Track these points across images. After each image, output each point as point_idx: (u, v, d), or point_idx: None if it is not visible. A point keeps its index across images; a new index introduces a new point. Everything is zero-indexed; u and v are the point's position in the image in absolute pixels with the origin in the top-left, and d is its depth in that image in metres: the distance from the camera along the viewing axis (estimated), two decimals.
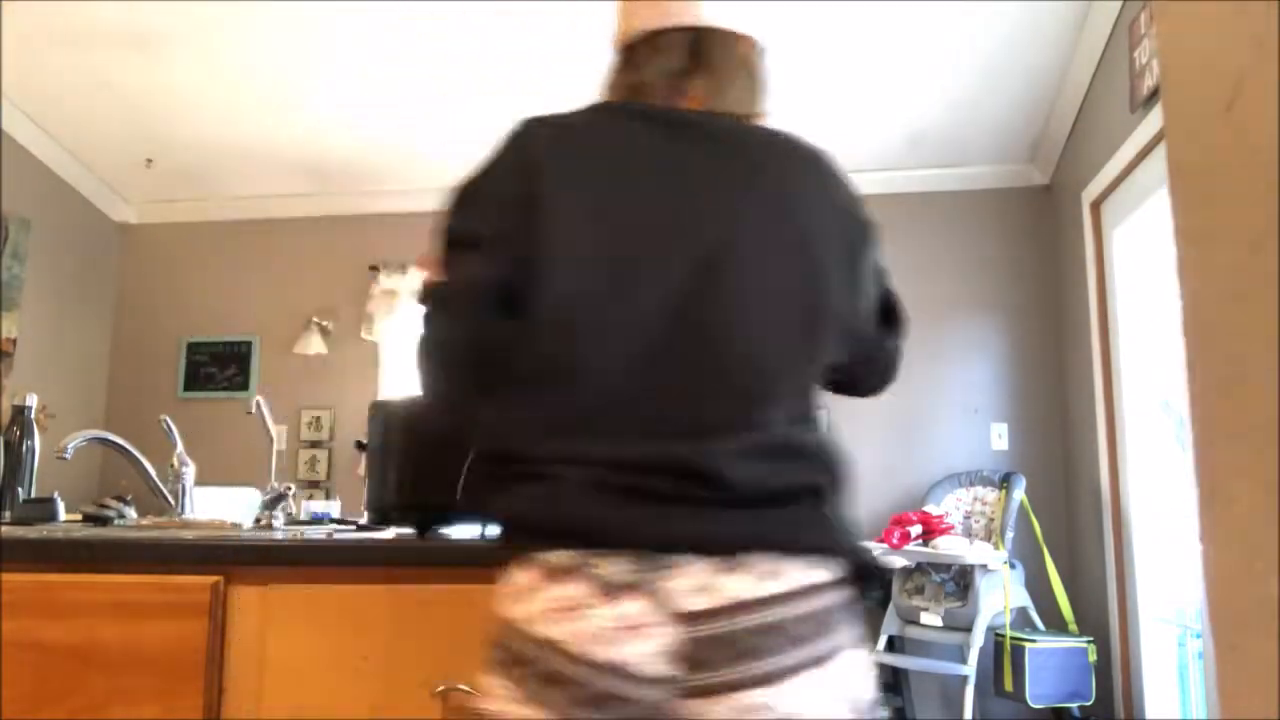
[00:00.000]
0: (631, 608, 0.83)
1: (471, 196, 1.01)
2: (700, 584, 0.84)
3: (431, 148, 4.31)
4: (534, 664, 0.83)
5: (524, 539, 0.90)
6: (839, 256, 1.04)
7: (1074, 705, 3.32)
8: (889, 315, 1.19)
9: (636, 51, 1.09)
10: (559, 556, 0.86)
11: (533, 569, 0.87)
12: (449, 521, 1.34)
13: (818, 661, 0.85)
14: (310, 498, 4.29)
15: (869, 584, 0.95)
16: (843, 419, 4.27)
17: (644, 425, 0.91)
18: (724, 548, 0.86)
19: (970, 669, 3.32)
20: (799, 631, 0.85)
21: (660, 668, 0.82)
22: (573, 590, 0.84)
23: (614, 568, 0.84)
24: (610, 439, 0.90)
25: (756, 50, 1.15)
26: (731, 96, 1.09)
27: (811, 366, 1.03)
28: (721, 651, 0.83)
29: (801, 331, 0.99)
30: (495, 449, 0.94)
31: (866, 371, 1.21)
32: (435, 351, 0.99)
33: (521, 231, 0.93)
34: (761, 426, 0.95)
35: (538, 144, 0.98)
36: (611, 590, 0.84)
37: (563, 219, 0.93)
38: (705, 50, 1.09)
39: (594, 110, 1.06)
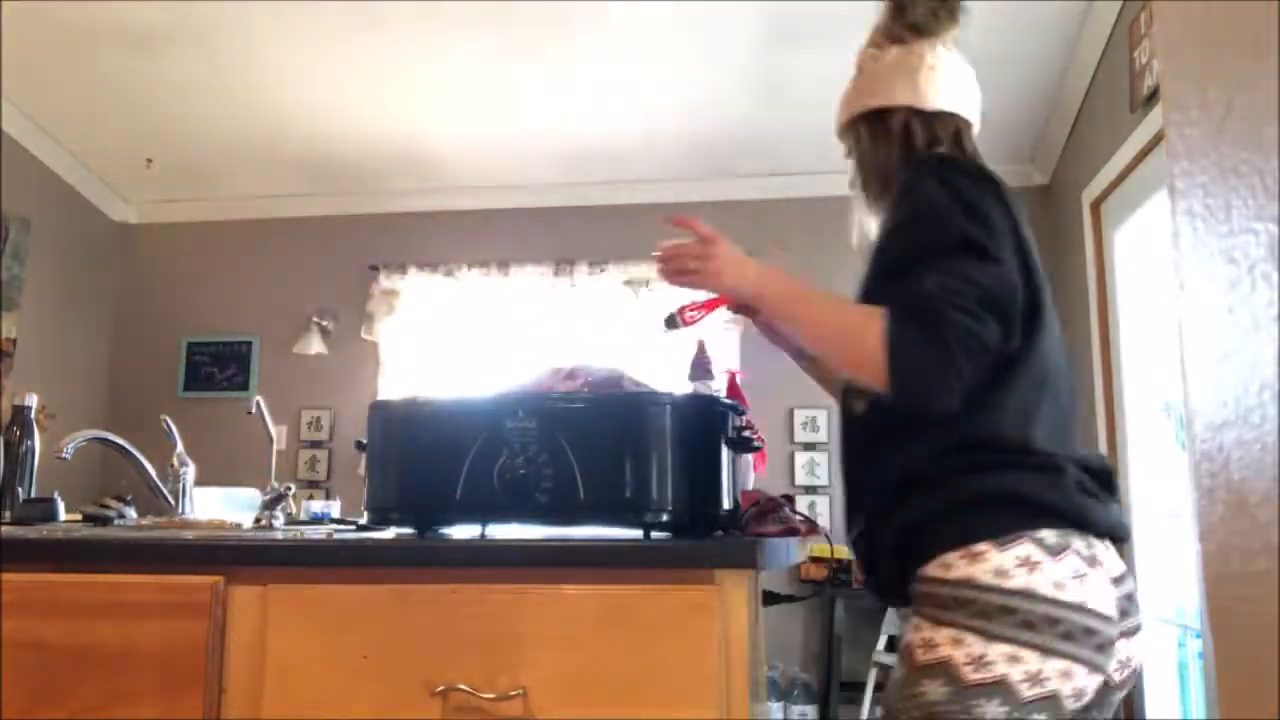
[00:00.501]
0: (1100, 574, 1.11)
1: (985, 214, 1.17)
2: (1112, 557, 1.15)
3: (431, 148, 4.31)
4: (1064, 622, 1.06)
5: (1021, 515, 1.10)
6: None
7: None
8: None
9: (935, 123, 1.33)
10: (1050, 535, 1.09)
11: (1032, 544, 1.08)
12: (449, 521, 1.34)
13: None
14: (310, 498, 4.29)
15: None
16: None
17: (1073, 437, 1.21)
18: (1112, 533, 1.16)
19: None
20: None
21: (1114, 614, 1.11)
22: (1074, 563, 1.09)
23: (1081, 545, 1.10)
24: (1068, 440, 1.20)
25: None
26: None
27: None
28: (1132, 604, 1.15)
29: None
30: (995, 435, 1.14)
31: None
32: (970, 343, 1.09)
33: (1022, 261, 1.18)
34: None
35: (1007, 191, 1.23)
36: (1093, 563, 1.10)
37: (1033, 259, 1.21)
38: (964, 141, 1.39)
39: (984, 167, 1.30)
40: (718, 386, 1.65)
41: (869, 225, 1.36)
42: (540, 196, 4.57)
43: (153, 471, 2.02)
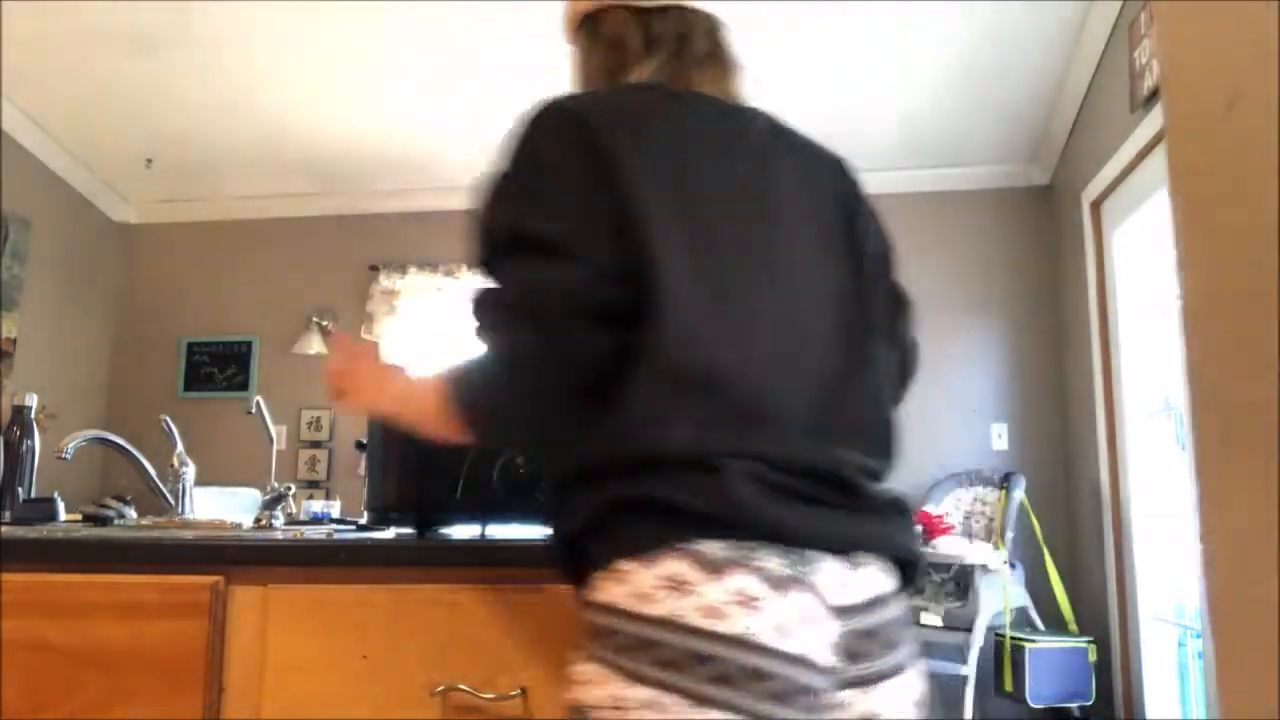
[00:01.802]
0: (801, 600, 0.83)
1: (535, 192, 0.93)
2: (840, 581, 0.87)
3: (432, 148, 4.31)
4: (716, 661, 0.80)
5: (672, 525, 0.85)
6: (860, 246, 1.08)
7: (1074, 705, 3.32)
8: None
9: (654, 21, 1.05)
10: (712, 547, 0.83)
11: (684, 559, 0.83)
12: (449, 521, 1.34)
13: (917, 655, 0.94)
14: (310, 498, 4.29)
15: (914, 586, 1.03)
16: None
17: (785, 427, 0.90)
18: (850, 548, 0.89)
19: (970, 669, 3.32)
20: (908, 626, 0.93)
21: (829, 659, 0.84)
22: (746, 582, 0.82)
23: (769, 562, 0.83)
24: (759, 438, 0.88)
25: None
26: (734, 86, 1.10)
27: (879, 383, 1.02)
28: (872, 644, 0.88)
29: (864, 348, 1.01)
30: (623, 449, 0.88)
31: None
32: (527, 371, 0.90)
33: (612, 232, 0.89)
34: (856, 443, 0.95)
35: (601, 130, 0.92)
36: (780, 584, 0.83)
37: (658, 217, 0.90)
38: (718, 36, 1.08)
39: (643, 91, 1.01)
40: None
41: None
42: None
43: (153, 471, 2.02)
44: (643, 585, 0.83)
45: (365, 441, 1.39)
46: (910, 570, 0.97)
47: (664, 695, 0.80)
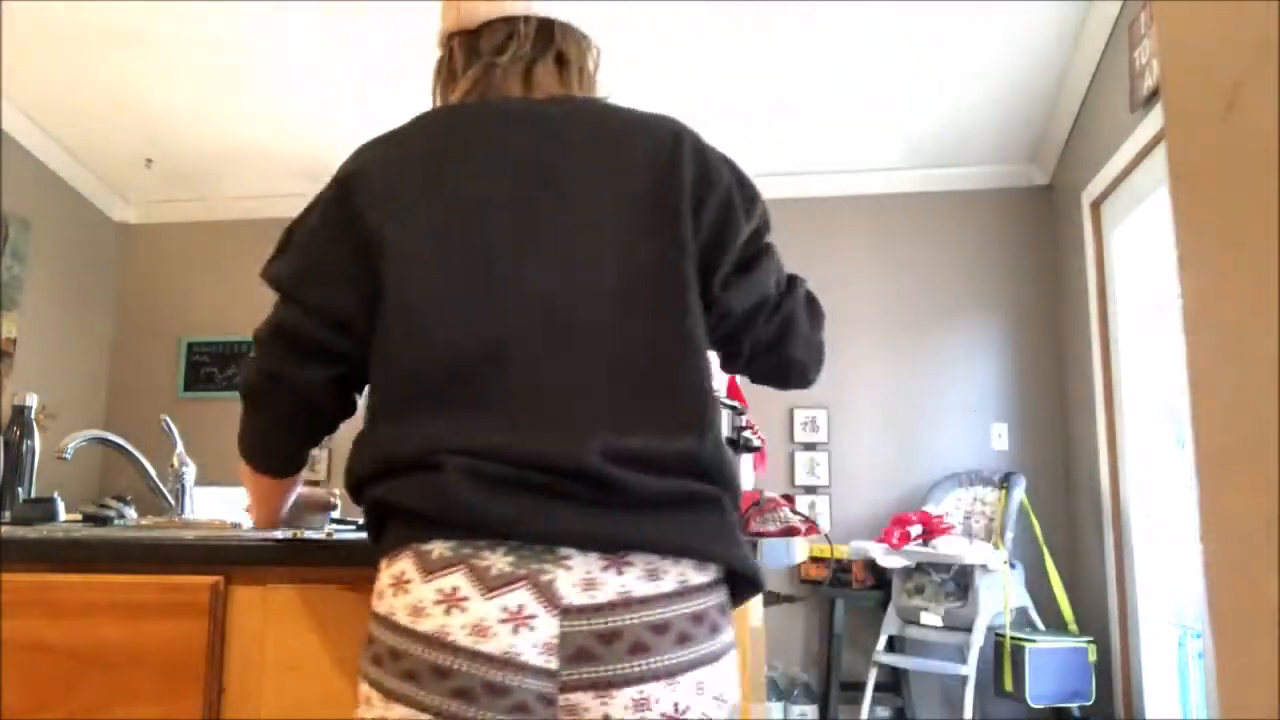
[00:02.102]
0: (518, 598, 0.83)
1: (300, 247, 1.03)
2: (585, 579, 0.84)
3: None
4: (408, 658, 0.83)
5: (407, 526, 0.88)
6: (680, 229, 0.99)
7: (1074, 705, 3.32)
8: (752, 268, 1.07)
9: (481, 36, 1.08)
10: (437, 547, 0.85)
11: (413, 559, 0.86)
12: None
13: (698, 663, 0.87)
14: None
15: (746, 591, 0.96)
16: (843, 419, 4.28)
17: (522, 420, 0.90)
18: (607, 545, 0.86)
19: (970, 669, 3.32)
20: (683, 631, 0.86)
21: (542, 660, 0.83)
22: (454, 581, 0.84)
23: (494, 559, 0.84)
24: (489, 433, 0.89)
25: (596, 51, 1.14)
26: (571, 87, 1.10)
27: (684, 360, 0.95)
28: (607, 646, 0.83)
29: (660, 324, 0.95)
30: (373, 456, 0.93)
31: (744, 338, 1.10)
32: (255, 405, 1.08)
33: (346, 273, 0.98)
34: (638, 427, 0.91)
35: (366, 184, 0.99)
36: (494, 582, 0.83)
37: (399, 247, 0.96)
38: (554, 42, 1.08)
39: (431, 120, 1.06)
40: (718, 387, 1.65)
41: None
42: None
43: (153, 471, 2.02)
44: (380, 584, 0.89)
45: None
46: (737, 573, 0.92)
47: (368, 689, 0.86)
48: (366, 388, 1.02)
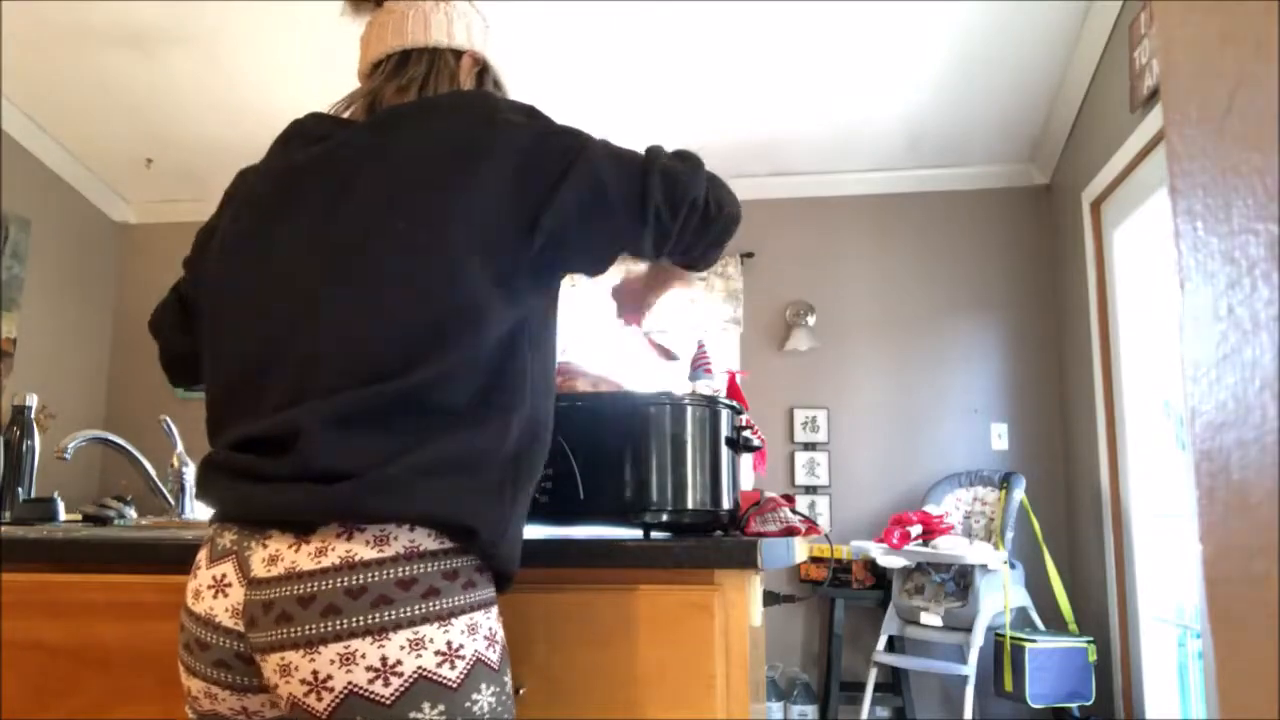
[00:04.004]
0: (220, 571, 0.98)
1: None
2: (271, 555, 0.94)
3: None
4: (183, 631, 1.01)
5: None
6: (459, 182, 1.01)
7: (1074, 705, 3.32)
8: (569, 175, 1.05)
9: (371, 78, 1.30)
10: (212, 530, 1.02)
11: (203, 547, 1.03)
12: None
13: (355, 634, 0.89)
14: None
15: (466, 547, 0.95)
16: (843, 419, 4.28)
17: (247, 407, 1.02)
18: (302, 522, 0.94)
19: (970, 669, 3.32)
20: (333, 602, 0.90)
21: (231, 622, 0.96)
22: (200, 556, 1.01)
23: (225, 538, 0.99)
24: (230, 423, 1.04)
25: (471, 63, 1.29)
26: (397, 96, 1.21)
27: (408, 327, 0.97)
28: (267, 615, 0.92)
29: (422, 286, 0.97)
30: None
31: (622, 241, 1.09)
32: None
33: (199, 261, 1.23)
34: (335, 402, 0.95)
35: (230, 190, 1.28)
36: (214, 556, 0.99)
37: (222, 246, 1.17)
38: (407, 69, 1.23)
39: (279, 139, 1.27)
40: (718, 386, 1.64)
41: None
42: None
43: (153, 471, 2.02)
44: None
45: None
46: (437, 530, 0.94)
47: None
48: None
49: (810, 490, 4.24)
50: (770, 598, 4.15)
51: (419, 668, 0.89)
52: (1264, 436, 0.38)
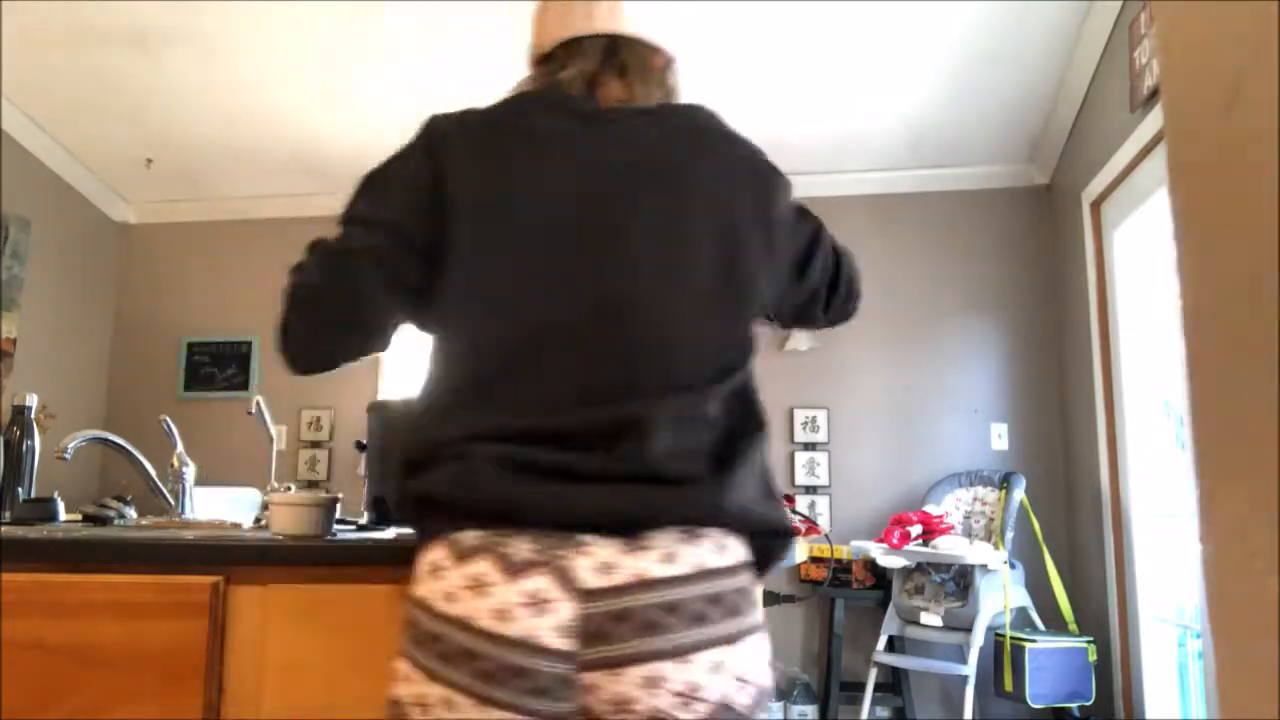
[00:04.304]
0: (533, 585, 0.86)
1: (378, 183, 1.08)
2: (603, 562, 0.87)
3: None
4: (441, 640, 0.88)
5: (440, 519, 0.93)
6: (752, 215, 1.07)
7: (1074, 705, 3.32)
8: (814, 254, 1.21)
9: (553, 58, 1.15)
10: (469, 536, 0.90)
11: (444, 548, 0.91)
12: None
13: (718, 642, 0.88)
14: None
15: (780, 548, 0.99)
16: (843, 419, 4.28)
17: (551, 401, 0.93)
18: (628, 525, 0.88)
19: (970, 669, 3.32)
20: (698, 611, 0.88)
21: (560, 642, 0.86)
22: (483, 568, 0.88)
23: (519, 545, 0.88)
24: (516, 414, 0.93)
25: (666, 61, 1.21)
26: (640, 96, 1.14)
27: (733, 334, 1.02)
28: (623, 626, 0.86)
29: (716, 300, 1.00)
30: (415, 444, 0.97)
31: (815, 310, 1.28)
32: (303, 305, 1.05)
33: (427, 220, 1.01)
34: (673, 400, 0.94)
35: (442, 138, 1.06)
36: (513, 569, 0.87)
37: (468, 209, 1.00)
38: (619, 54, 1.15)
39: (504, 102, 1.10)
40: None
41: None
42: None
43: (153, 471, 2.02)
44: (418, 571, 0.93)
45: (365, 441, 1.39)
46: (760, 534, 0.95)
47: (410, 669, 0.90)
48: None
49: (810, 490, 4.24)
50: (770, 598, 4.14)
51: (762, 678, 0.92)
52: (1264, 437, 0.38)
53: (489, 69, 3.74)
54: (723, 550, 0.92)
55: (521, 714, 0.85)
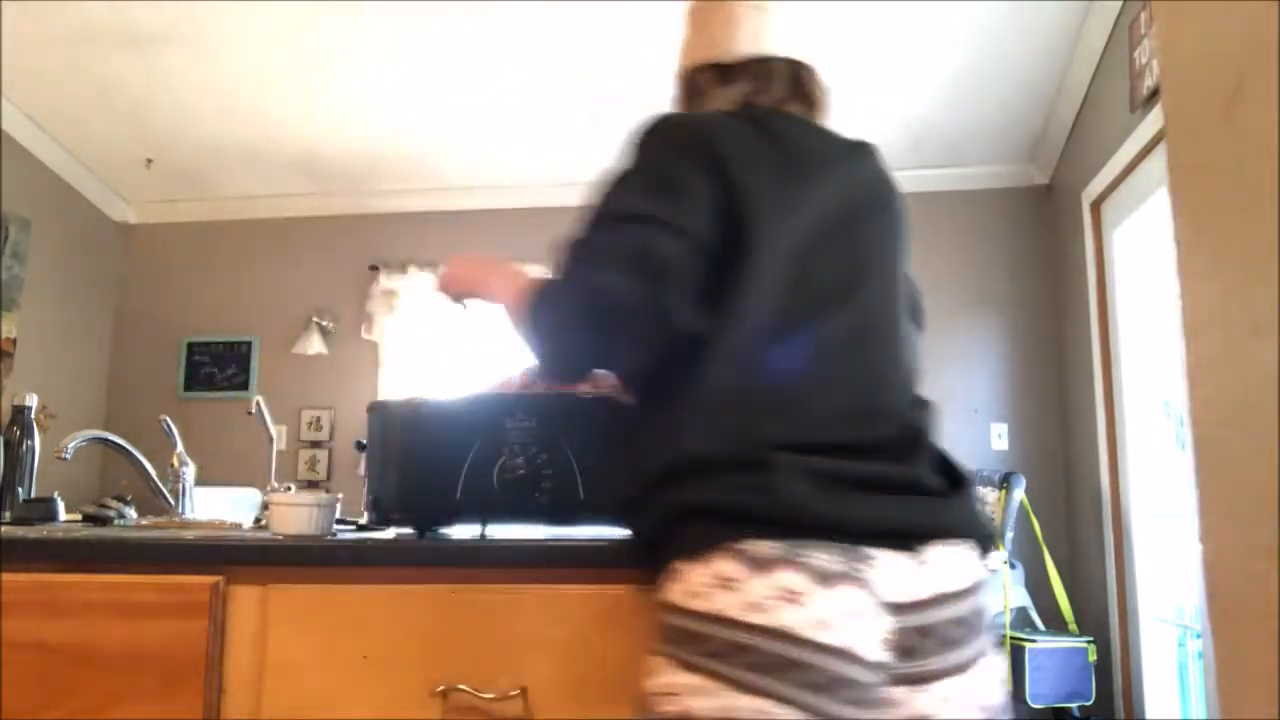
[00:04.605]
0: (850, 595, 0.87)
1: (661, 185, 1.01)
2: (901, 576, 0.89)
3: (432, 148, 4.31)
4: (753, 651, 0.85)
5: (713, 529, 0.91)
6: (905, 263, 1.17)
7: (1074, 705, 3.32)
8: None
9: (742, 74, 1.16)
10: (762, 546, 0.88)
11: (731, 559, 0.89)
12: (449, 521, 1.34)
13: (986, 651, 0.94)
14: None
15: (986, 555, 1.05)
16: None
17: (839, 417, 0.95)
18: (911, 537, 0.91)
19: None
20: (977, 623, 0.93)
21: (879, 654, 0.87)
22: (791, 578, 0.86)
23: (820, 556, 0.87)
24: (807, 426, 0.94)
25: (826, 90, 1.26)
26: (818, 118, 1.21)
27: (916, 365, 1.12)
28: (928, 641, 0.89)
29: (908, 334, 1.11)
30: (683, 454, 0.95)
31: None
32: (615, 314, 0.95)
33: (718, 230, 0.98)
34: (919, 421, 1.02)
35: (719, 147, 1.02)
36: (828, 579, 0.86)
37: (758, 223, 0.98)
38: (804, 84, 1.19)
39: (764, 115, 1.10)
40: None
41: None
42: (540, 196, 4.57)
43: (153, 471, 2.02)
44: (695, 584, 0.90)
45: (365, 441, 1.39)
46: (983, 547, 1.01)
47: (710, 682, 0.86)
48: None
49: None
50: None
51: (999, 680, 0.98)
52: (1264, 437, 0.38)
53: (491, 69, 3.74)
54: (975, 562, 0.96)
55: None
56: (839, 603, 0.86)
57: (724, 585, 0.88)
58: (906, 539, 0.90)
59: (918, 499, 0.92)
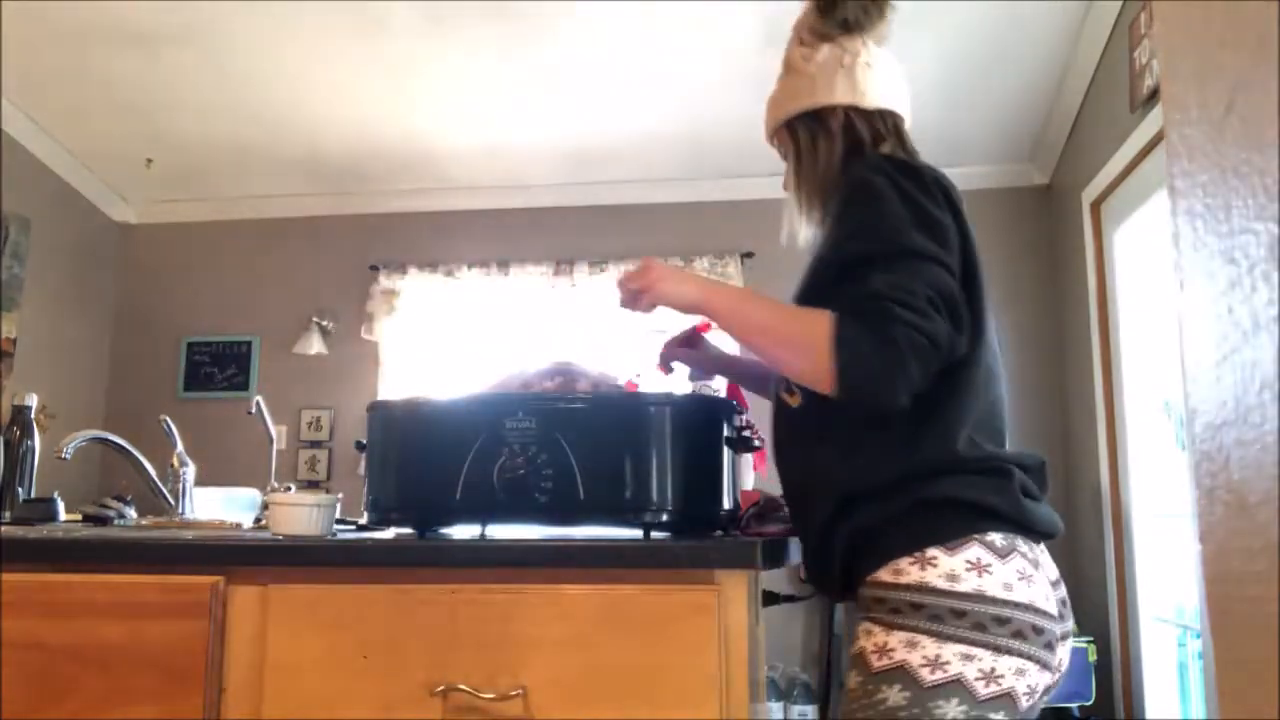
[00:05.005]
0: (1044, 576, 1.16)
1: (928, 224, 1.16)
2: (1049, 560, 1.20)
3: (431, 148, 4.31)
4: (1011, 622, 1.09)
5: (968, 519, 1.13)
6: None
7: (1074, 705, 3.32)
8: None
9: (884, 124, 1.33)
10: (997, 538, 1.12)
11: (979, 547, 1.12)
12: (449, 521, 1.34)
13: None
14: None
15: None
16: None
17: (1018, 439, 1.24)
18: (1050, 533, 1.20)
19: None
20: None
21: (1068, 621, 1.18)
22: (1021, 564, 1.12)
23: (1027, 547, 1.15)
24: (1011, 444, 1.26)
25: None
26: None
27: None
28: (1065, 609, 1.18)
29: None
30: (942, 440, 1.17)
31: None
32: (918, 340, 1.09)
33: (966, 265, 1.20)
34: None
35: (951, 192, 1.22)
36: (1036, 565, 1.15)
37: (980, 262, 1.23)
38: (905, 134, 1.38)
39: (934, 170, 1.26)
40: (718, 386, 1.65)
41: (800, 227, 1.38)
42: (540, 196, 4.57)
43: (153, 471, 2.02)
44: (952, 568, 1.10)
45: (365, 441, 1.39)
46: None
47: (974, 649, 1.08)
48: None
49: None
50: (770, 598, 4.14)
51: None
52: (1264, 436, 0.38)
53: (489, 72, 3.74)
54: None
55: (1055, 674, 1.14)
56: (1043, 581, 1.14)
57: (977, 569, 1.10)
58: (1051, 535, 1.20)
59: (1047, 505, 1.22)
